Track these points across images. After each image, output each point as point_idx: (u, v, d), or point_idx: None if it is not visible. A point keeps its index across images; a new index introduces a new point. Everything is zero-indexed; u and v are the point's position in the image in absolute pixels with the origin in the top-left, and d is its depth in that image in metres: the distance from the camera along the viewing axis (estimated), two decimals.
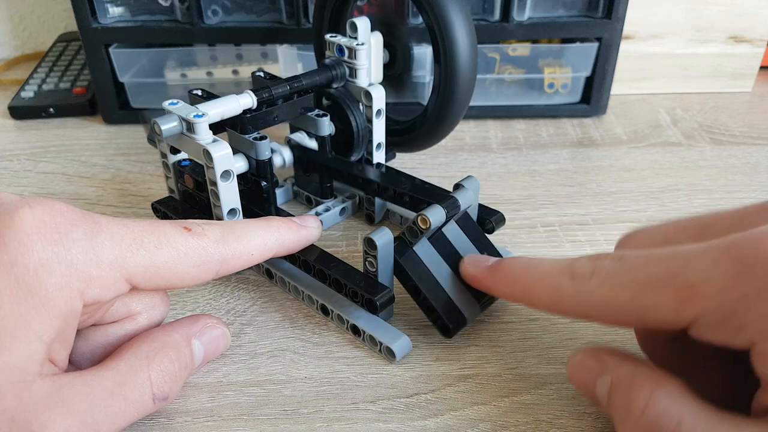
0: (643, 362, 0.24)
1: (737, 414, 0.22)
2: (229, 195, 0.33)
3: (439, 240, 0.31)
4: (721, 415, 0.22)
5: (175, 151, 0.36)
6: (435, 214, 0.30)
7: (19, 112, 0.55)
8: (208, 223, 0.27)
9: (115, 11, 0.50)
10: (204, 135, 0.32)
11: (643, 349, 0.27)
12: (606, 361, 0.24)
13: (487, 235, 0.34)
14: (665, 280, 0.22)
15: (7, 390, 0.21)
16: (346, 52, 0.38)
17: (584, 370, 0.25)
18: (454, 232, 0.32)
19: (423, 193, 0.35)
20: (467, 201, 0.32)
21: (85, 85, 0.58)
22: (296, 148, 0.39)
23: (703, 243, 0.22)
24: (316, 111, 0.39)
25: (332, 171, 0.38)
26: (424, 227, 0.30)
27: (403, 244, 0.30)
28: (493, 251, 0.33)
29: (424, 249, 0.31)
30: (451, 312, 0.30)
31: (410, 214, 0.39)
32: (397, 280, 0.31)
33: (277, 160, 0.38)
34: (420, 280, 0.30)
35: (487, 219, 0.35)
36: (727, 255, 0.21)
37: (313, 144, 0.39)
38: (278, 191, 0.42)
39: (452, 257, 0.31)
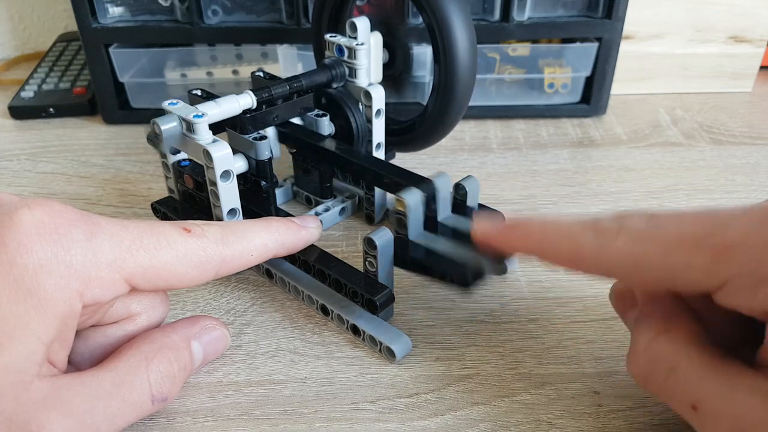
0: (669, 302, 0.24)
1: (738, 364, 0.22)
2: (228, 195, 0.33)
3: (437, 228, 0.31)
4: (719, 366, 0.22)
5: (175, 150, 0.36)
6: (410, 195, 0.30)
7: (19, 112, 0.55)
8: (207, 224, 0.27)
9: (115, 11, 0.50)
10: (204, 135, 0.32)
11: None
12: (639, 295, 0.26)
13: None
14: (700, 239, 0.21)
15: (6, 390, 0.21)
16: (346, 52, 0.38)
17: (621, 300, 0.27)
18: (452, 218, 0.32)
19: (401, 176, 0.34)
20: (444, 185, 0.32)
21: (85, 85, 0.58)
22: (281, 126, 0.39)
23: (741, 206, 0.22)
24: (316, 111, 0.39)
25: (314, 150, 0.38)
26: (401, 209, 0.30)
27: (399, 239, 0.30)
28: None
29: (422, 237, 0.31)
30: (462, 267, 0.29)
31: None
32: (398, 279, 0.31)
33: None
34: (423, 257, 0.30)
35: None
36: None
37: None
38: (278, 191, 0.42)
39: (454, 232, 0.31)
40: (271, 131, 0.38)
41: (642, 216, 0.23)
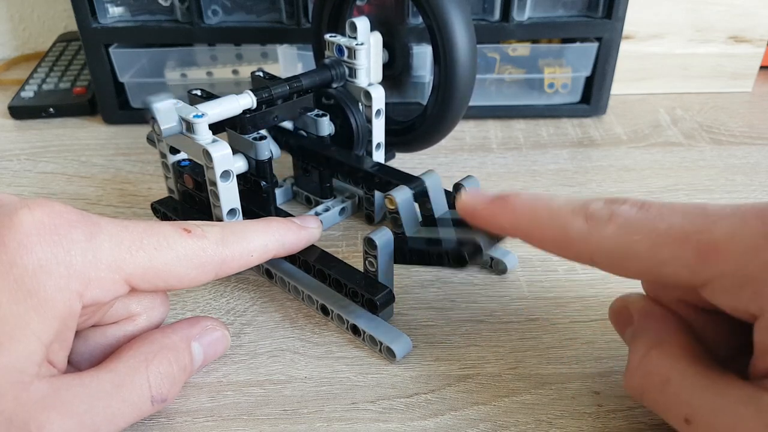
0: (661, 317, 0.25)
1: (730, 376, 0.22)
2: (228, 195, 0.33)
3: (435, 224, 0.32)
4: (711, 378, 0.22)
5: (174, 150, 0.36)
6: (400, 193, 0.30)
7: (19, 112, 0.55)
8: (207, 225, 0.27)
9: (115, 11, 0.50)
10: (204, 135, 0.32)
11: (652, 298, 0.26)
12: (634, 312, 0.26)
13: None
14: (688, 233, 0.21)
15: (6, 391, 0.21)
16: (346, 52, 0.38)
17: (618, 318, 0.27)
18: (451, 215, 0.32)
19: (392, 175, 0.34)
20: (434, 182, 0.32)
21: (85, 85, 0.58)
22: (273, 129, 0.39)
23: (731, 204, 0.21)
24: (316, 111, 0.39)
25: (307, 152, 0.38)
26: (391, 207, 0.30)
27: (396, 238, 0.30)
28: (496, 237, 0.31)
29: (419, 231, 0.31)
30: (461, 246, 0.28)
31: None
32: (398, 279, 0.31)
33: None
34: (421, 246, 0.30)
35: None
36: (758, 218, 0.20)
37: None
38: (278, 191, 0.42)
39: (452, 222, 0.31)
40: (265, 133, 0.38)
41: (634, 204, 0.23)
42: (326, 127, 0.38)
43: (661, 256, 0.21)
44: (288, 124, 0.40)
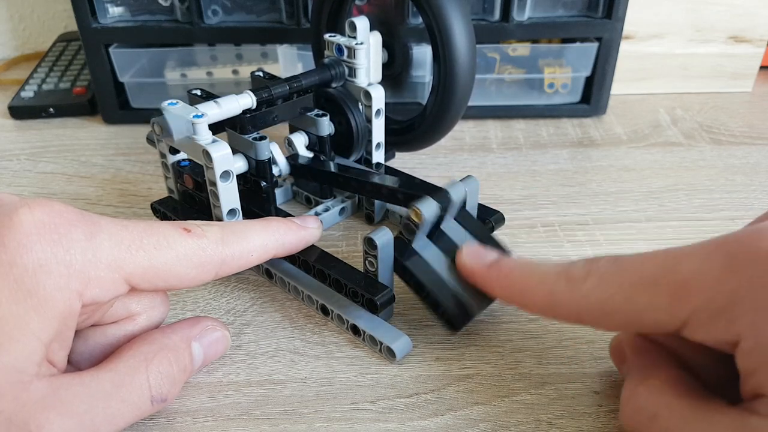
0: (649, 352, 0.25)
1: (718, 403, 0.22)
2: (228, 195, 0.33)
3: (438, 237, 0.31)
4: (698, 408, 0.22)
5: (174, 151, 0.36)
6: (427, 207, 0.30)
7: (19, 112, 0.55)
8: (207, 224, 0.27)
9: (115, 11, 0.50)
10: (203, 135, 0.32)
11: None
12: (626, 348, 0.27)
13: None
14: (658, 278, 0.22)
15: (5, 390, 0.21)
16: (345, 51, 0.38)
17: (617, 355, 0.28)
18: (453, 229, 0.32)
19: (415, 188, 0.34)
20: (459, 194, 0.31)
21: (85, 85, 0.58)
22: (292, 159, 0.39)
23: (696, 243, 0.22)
24: (316, 111, 0.39)
25: (327, 177, 0.38)
26: (417, 221, 0.29)
27: (402, 242, 0.30)
28: (494, 244, 0.32)
29: (424, 246, 0.31)
30: (456, 306, 0.30)
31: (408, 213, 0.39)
32: (398, 279, 0.31)
33: (273, 170, 0.38)
34: (422, 276, 0.30)
35: (487, 219, 0.35)
36: (719, 250, 0.21)
37: (307, 153, 0.39)
38: (278, 191, 0.42)
39: (454, 252, 0.31)
40: (283, 164, 0.38)
41: (609, 259, 0.24)
42: (326, 127, 0.38)
43: (638, 304, 0.22)
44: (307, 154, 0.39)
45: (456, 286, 0.30)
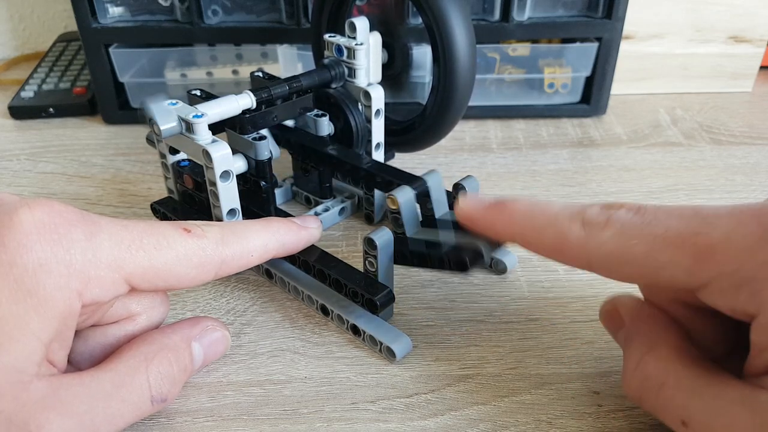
0: (653, 319, 0.25)
1: (725, 376, 0.22)
2: (228, 195, 0.33)
3: (435, 224, 0.32)
4: (706, 380, 0.22)
5: (174, 151, 0.36)
6: (402, 194, 0.30)
7: (19, 112, 0.55)
8: (207, 224, 0.27)
9: (115, 11, 0.50)
10: (203, 135, 0.32)
11: (647, 297, 0.27)
12: (625, 315, 0.26)
13: None
14: (684, 237, 0.21)
15: (5, 390, 0.21)
16: (345, 51, 0.38)
17: (610, 320, 0.27)
18: (451, 215, 0.32)
19: (393, 175, 0.34)
20: (436, 182, 0.32)
21: (85, 85, 0.58)
22: (277, 128, 0.39)
23: (726, 206, 0.21)
24: (315, 111, 0.39)
25: (307, 150, 0.38)
26: (393, 207, 0.30)
27: (398, 238, 0.30)
28: (490, 240, 0.31)
29: (419, 232, 0.31)
30: (460, 250, 0.29)
31: None
32: (398, 279, 0.31)
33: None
34: (420, 246, 0.30)
35: None
36: (753, 220, 0.20)
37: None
38: (277, 191, 0.42)
39: (453, 226, 0.31)
40: (266, 132, 0.38)
41: (630, 209, 0.23)
42: (326, 127, 0.38)
43: (659, 260, 0.22)
44: (290, 122, 0.40)
45: (458, 239, 0.29)
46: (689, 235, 0.21)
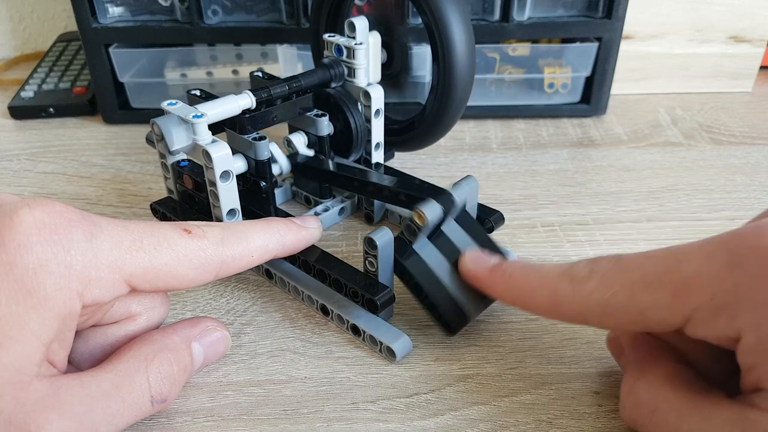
0: (647, 346, 0.25)
1: (717, 397, 0.22)
2: (228, 195, 0.33)
3: (439, 238, 0.31)
4: (697, 402, 0.22)
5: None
6: (430, 209, 0.30)
7: (19, 112, 0.55)
8: (207, 225, 0.27)
9: (115, 11, 0.50)
10: (203, 135, 0.32)
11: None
12: (624, 342, 0.27)
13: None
14: (660, 276, 0.22)
15: (5, 391, 0.21)
16: (345, 51, 0.38)
17: (613, 347, 0.28)
18: (454, 231, 0.32)
19: (418, 190, 0.34)
20: (462, 196, 0.32)
21: (85, 85, 0.58)
22: (293, 158, 0.39)
23: (697, 241, 0.22)
24: (315, 111, 0.39)
25: (329, 176, 0.38)
26: (420, 223, 0.30)
27: (402, 243, 0.30)
28: (494, 248, 0.32)
29: (424, 247, 0.31)
30: (453, 310, 0.30)
31: (409, 214, 0.39)
32: (397, 279, 0.31)
33: (274, 169, 0.38)
34: (421, 278, 0.30)
35: (487, 218, 0.35)
36: (720, 248, 0.21)
37: (307, 151, 0.39)
38: (277, 191, 0.42)
39: (453, 255, 0.31)
40: (284, 163, 0.38)
41: (610, 259, 0.24)
42: (325, 127, 0.38)
43: (641, 303, 0.23)
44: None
45: (454, 289, 0.30)
46: (664, 274, 0.22)
